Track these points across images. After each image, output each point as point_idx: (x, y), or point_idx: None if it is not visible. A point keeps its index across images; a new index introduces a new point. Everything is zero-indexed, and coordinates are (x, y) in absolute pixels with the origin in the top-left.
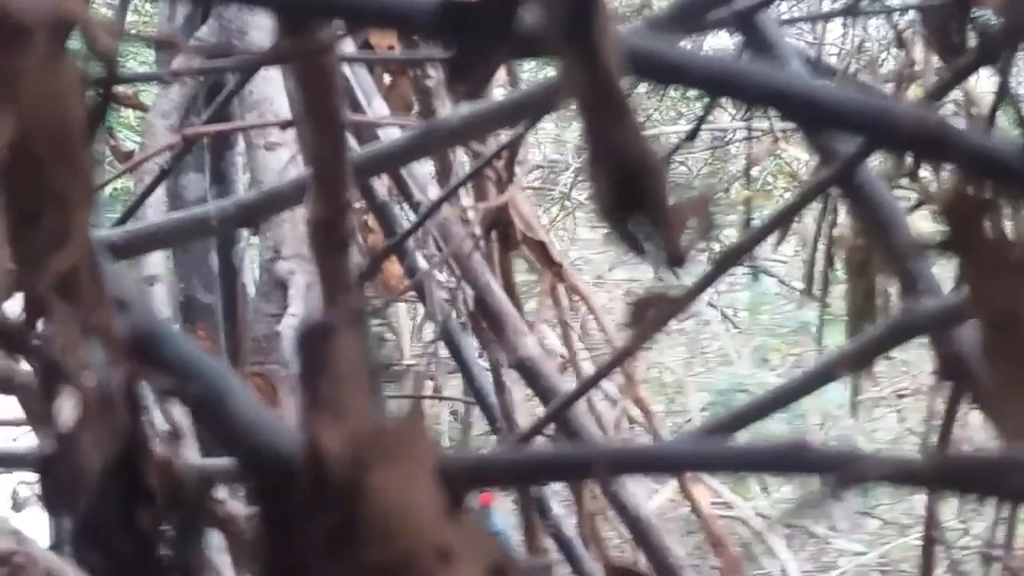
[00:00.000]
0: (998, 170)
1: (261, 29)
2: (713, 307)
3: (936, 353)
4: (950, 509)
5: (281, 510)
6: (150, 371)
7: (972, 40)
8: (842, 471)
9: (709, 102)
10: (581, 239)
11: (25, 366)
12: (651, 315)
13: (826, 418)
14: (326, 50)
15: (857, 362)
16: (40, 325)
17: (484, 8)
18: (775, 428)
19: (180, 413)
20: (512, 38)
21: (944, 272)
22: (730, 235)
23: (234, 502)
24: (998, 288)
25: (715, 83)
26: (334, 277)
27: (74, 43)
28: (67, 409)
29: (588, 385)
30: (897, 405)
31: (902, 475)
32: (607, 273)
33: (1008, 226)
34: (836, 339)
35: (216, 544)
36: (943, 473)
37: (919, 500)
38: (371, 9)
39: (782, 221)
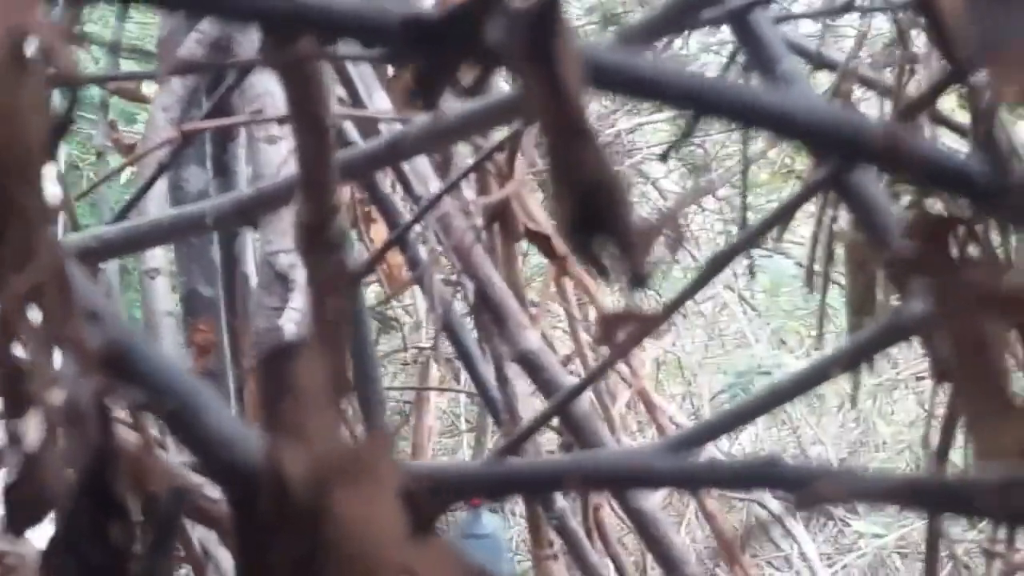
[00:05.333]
0: (965, 187)
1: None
2: (731, 290)
3: (929, 353)
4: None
5: (252, 521)
6: (122, 384)
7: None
8: (808, 490)
9: (692, 119)
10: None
11: None
12: (628, 328)
13: (844, 400)
14: (309, 58)
15: (851, 362)
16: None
17: (448, 23)
18: (794, 411)
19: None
20: (475, 53)
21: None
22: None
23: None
24: (964, 309)
25: (686, 99)
26: (323, 280)
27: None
28: (34, 426)
29: (582, 387)
30: (916, 387)
31: (871, 493)
32: None
33: (975, 244)
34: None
35: (214, 538)
36: (913, 493)
37: None
38: (339, 22)
39: (775, 222)
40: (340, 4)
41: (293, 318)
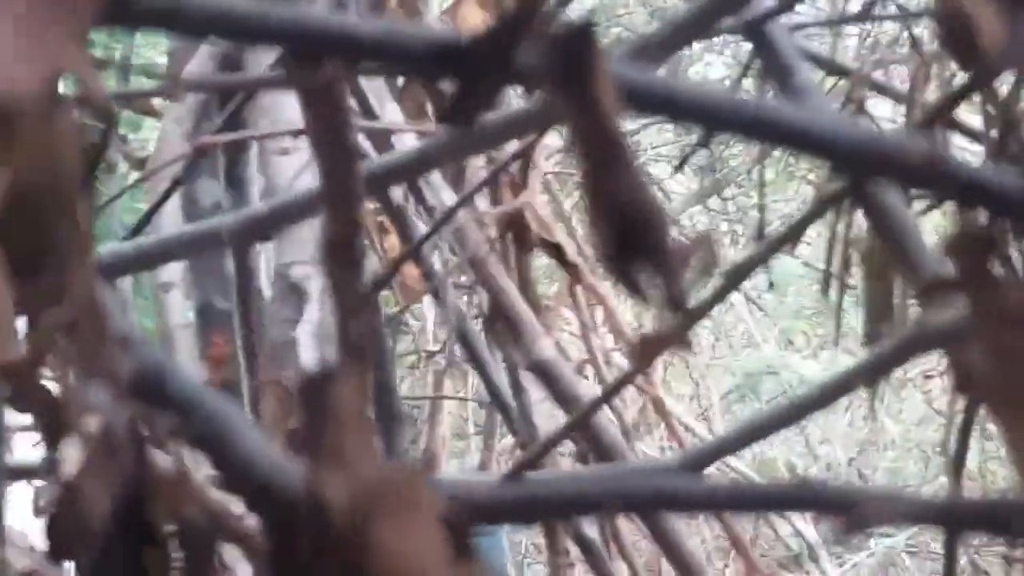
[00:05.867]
0: (1004, 205)
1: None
2: (737, 290)
3: (952, 365)
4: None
5: (289, 547)
6: (154, 410)
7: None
8: (856, 514)
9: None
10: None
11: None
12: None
13: (852, 399)
14: (336, 79)
15: (875, 373)
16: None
17: (480, 47)
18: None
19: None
20: (508, 77)
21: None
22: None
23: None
24: (1004, 329)
25: (708, 117)
26: (347, 296)
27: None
28: (71, 454)
29: (602, 400)
30: (924, 386)
31: (915, 516)
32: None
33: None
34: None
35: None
36: (952, 516)
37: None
38: (370, 45)
39: (794, 234)
40: (371, 27)
41: (307, 330)
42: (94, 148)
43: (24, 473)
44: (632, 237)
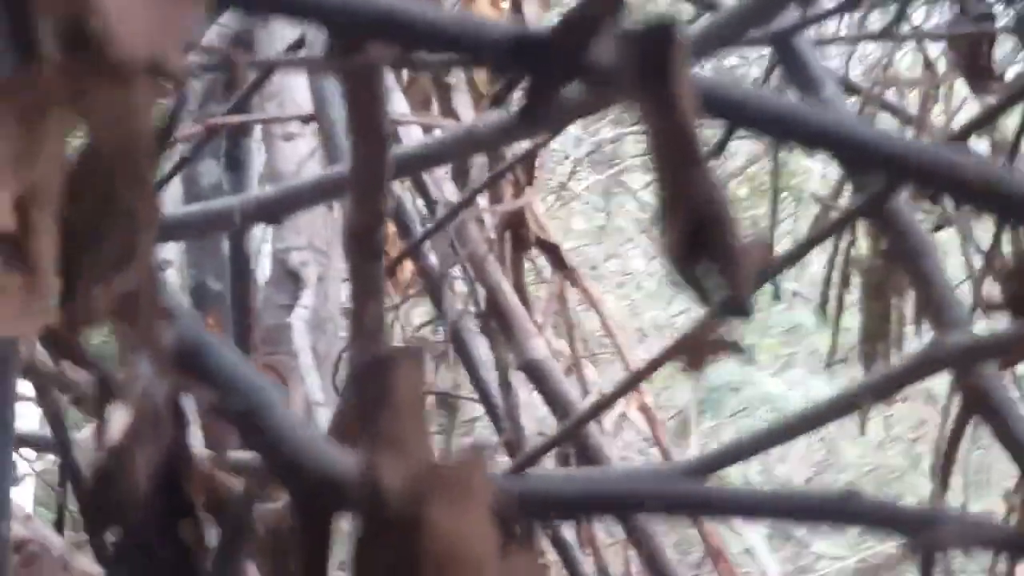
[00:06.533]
0: None
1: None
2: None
3: (960, 385)
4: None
5: (324, 529)
6: (195, 384)
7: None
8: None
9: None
10: (575, 229)
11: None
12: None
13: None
14: (379, 64)
15: (881, 393)
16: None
17: (557, 42)
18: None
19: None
20: (583, 73)
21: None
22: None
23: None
24: None
25: (772, 124)
26: (368, 286)
27: None
28: (116, 422)
29: (602, 406)
30: (884, 410)
31: (986, 541)
32: (602, 264)
33: None
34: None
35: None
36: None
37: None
38: (445, 36)
39: (807, 250)
40: (447, 18)
41: (302, 315)
42: (167, 119)
43: (23, 443)
44: (703, 238)
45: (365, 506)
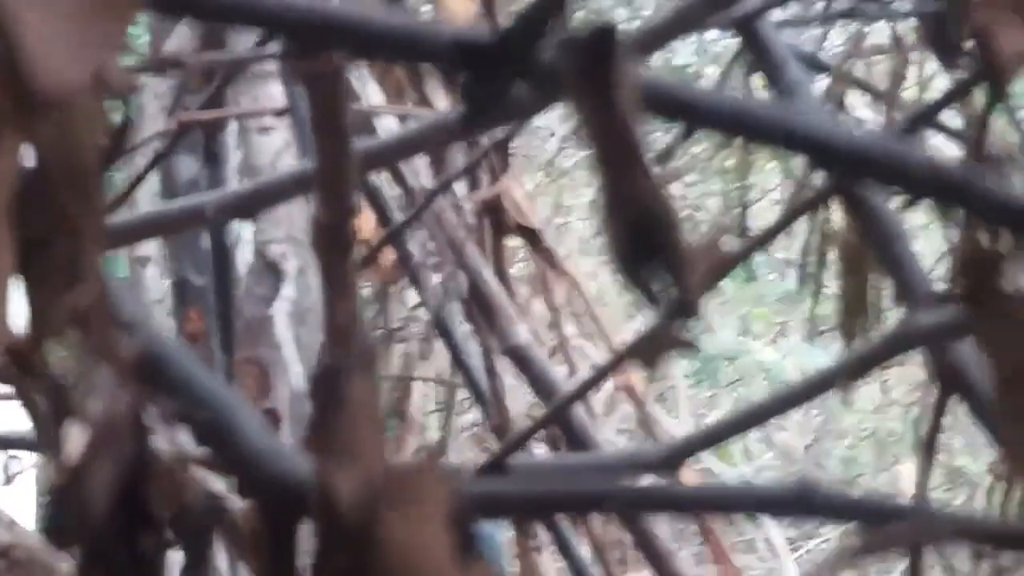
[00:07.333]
0: (1014, 219)
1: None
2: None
3: (934, 364)
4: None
5: (288, 536)
6: (157, 395)
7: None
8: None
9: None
10: (565, 205)
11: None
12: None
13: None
14: (336, 67)
15: (855, 372)
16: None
17: (501, 45)
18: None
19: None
20: (527, 75)
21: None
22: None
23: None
24: (1012, 345)
25: (726, 123)
26: (338, 280)
27: None
28: (74, 437)
29: (580, 392)
30: (881, 375)
31: (945, 535)
32: (591, 240)
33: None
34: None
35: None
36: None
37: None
38: (388, 40)
39: (778, 231)
40: (392, 22)
41: (282, 308)
42: (116, 132)
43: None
44: (646, 239)
45: (319, 514)
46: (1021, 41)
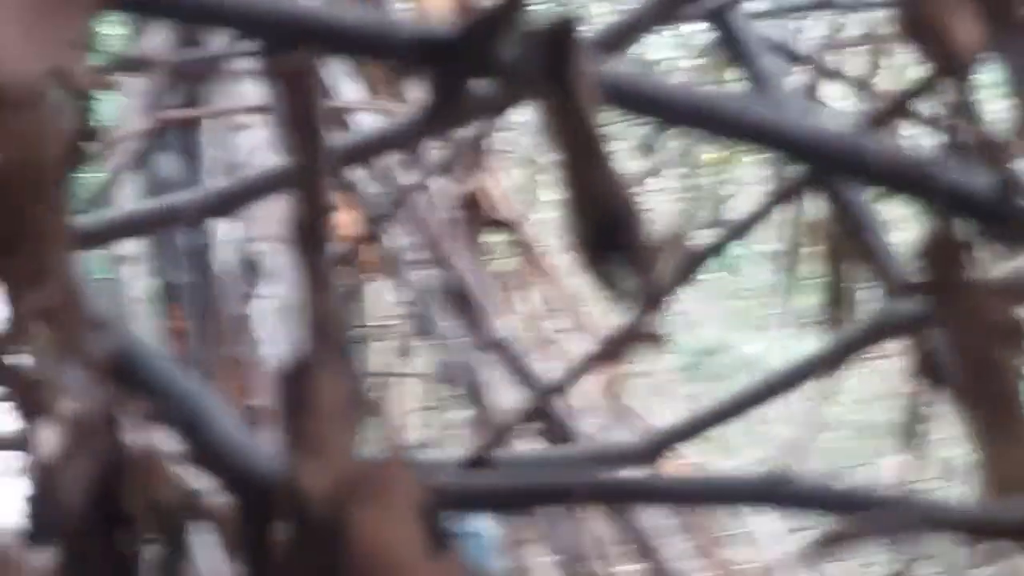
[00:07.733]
0: (976, 210)
1: None
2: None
3: (913, 352)
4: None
5: (261, 528)
6: (130, 394)
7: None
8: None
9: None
10: (543, 200)
11: None
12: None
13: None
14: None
15: (837, 360)
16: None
17: (460, 41)
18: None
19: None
20: (487, 71)
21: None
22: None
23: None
24: (974, 333)
25: (691, 117)
26: (314, 277)
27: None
28: (48, 437)
29: (562, 383)
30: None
31: (928, 524)
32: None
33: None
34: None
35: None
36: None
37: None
38: (350, 37)
39: (753, 221)
40: (352, 20)
41: (262, 306)
42: (80, 133)
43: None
44: (608, 232)
45: (289, 509)
46: (973, 32)
